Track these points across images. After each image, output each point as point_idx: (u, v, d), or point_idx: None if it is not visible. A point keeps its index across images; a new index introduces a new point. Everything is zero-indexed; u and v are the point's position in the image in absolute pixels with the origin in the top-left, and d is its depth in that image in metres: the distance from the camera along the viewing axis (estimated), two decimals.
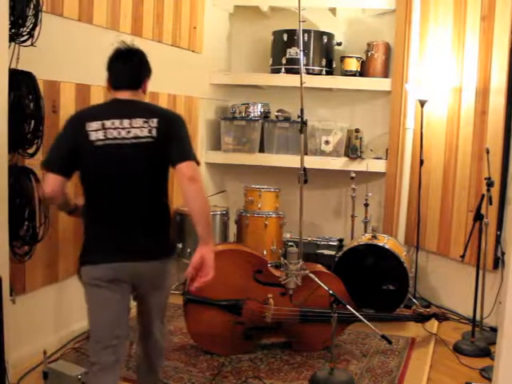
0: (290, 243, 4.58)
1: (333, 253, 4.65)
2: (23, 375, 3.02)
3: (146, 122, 2.27)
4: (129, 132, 2.25)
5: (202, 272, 2.23)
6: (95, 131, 2.24)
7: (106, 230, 2.30)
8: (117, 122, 2.26)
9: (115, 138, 2.24)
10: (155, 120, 2.28)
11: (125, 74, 2.37)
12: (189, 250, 4.47)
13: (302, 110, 3.65)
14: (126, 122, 2.26)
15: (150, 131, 2.26)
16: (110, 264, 2.26)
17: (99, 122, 2.25)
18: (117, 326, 2.31)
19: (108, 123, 2.25)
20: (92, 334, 2.33)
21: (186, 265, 2.87)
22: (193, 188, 2.23)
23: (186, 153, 2.29)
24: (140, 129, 2.26)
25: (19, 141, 2.79)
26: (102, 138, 2.24)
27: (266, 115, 5.20)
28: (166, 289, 2.50)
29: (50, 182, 2.25)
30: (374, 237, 4.17)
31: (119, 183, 2.27)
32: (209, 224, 2.29)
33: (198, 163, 2.31)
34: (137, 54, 2.40)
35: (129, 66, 2.38)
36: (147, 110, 2.34)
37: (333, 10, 5.22)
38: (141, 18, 4.03)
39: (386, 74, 4.99)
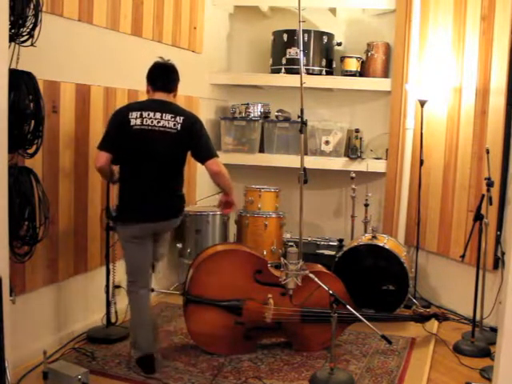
0: (290, 243, 4.59)
1: (333, 253, 4.65)
2: (23, 375, 3.02)
3: (173, 117, 3.09)
4: (159, 122, 3.07)
5: (227, 206, 3.35)
6: (134, 118, 3.05)
7: (134, 198, 3.10)
8: (151, 114, 3.07)
9: (148, 125, 3.05)
10: (181, 118, 3.11)
11: (161, 80, 3.18)
12: (189, 250, 4.47)
13: (301, 110, 3.65)
14: (158, 115, 3.07)
15: (174, 125, 3.09)
16: (138, 225, 3.09)
17: (138, 112, 3.07)
18: (143, 264, 3.20)
19: (145, 114, 3.07)
20: (129, 269, 3.22)
21: (187, 265, 3.12)
22: (220, 178, 3.20)
23: (210, 151, 3.18)
24: (167, 121, 3.07)
25: (19, 141, 2.78)
26: (138, 123, 3.05)
27: (266, 115, 5.20)
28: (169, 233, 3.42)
29: (100, 157, 3.06)
30: (374, 237, 4.17)
31: (147, 159, 3.06)
32: (231, 188, 3.28)
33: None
34: (171, 67, 3.23)
35: (165, 75, 3.20)
36: (176, 110, 3.15)
37: (333, 10, 5.22)
38: (141, 18, 4.03)
39: (385, 74, 5.00)
